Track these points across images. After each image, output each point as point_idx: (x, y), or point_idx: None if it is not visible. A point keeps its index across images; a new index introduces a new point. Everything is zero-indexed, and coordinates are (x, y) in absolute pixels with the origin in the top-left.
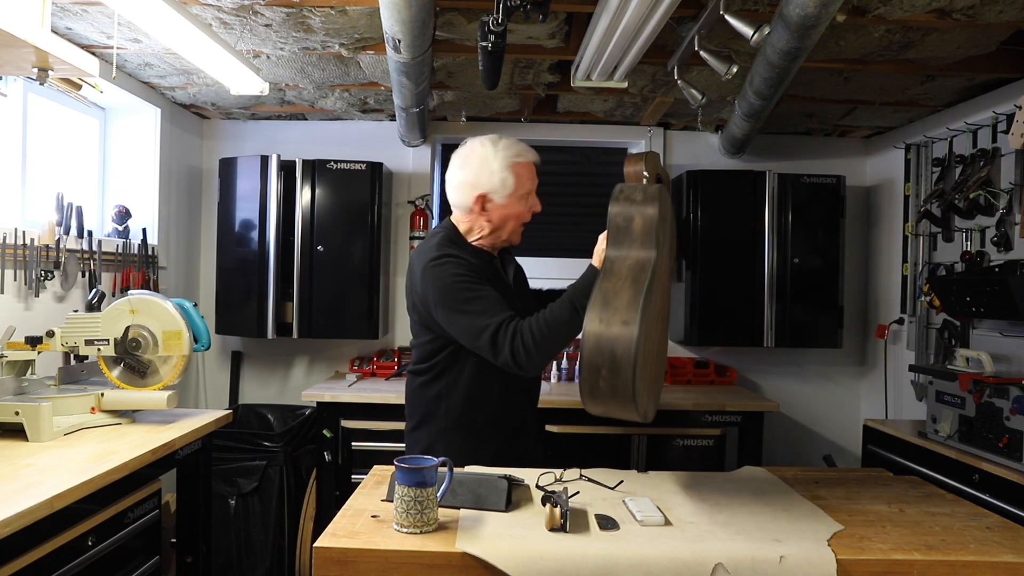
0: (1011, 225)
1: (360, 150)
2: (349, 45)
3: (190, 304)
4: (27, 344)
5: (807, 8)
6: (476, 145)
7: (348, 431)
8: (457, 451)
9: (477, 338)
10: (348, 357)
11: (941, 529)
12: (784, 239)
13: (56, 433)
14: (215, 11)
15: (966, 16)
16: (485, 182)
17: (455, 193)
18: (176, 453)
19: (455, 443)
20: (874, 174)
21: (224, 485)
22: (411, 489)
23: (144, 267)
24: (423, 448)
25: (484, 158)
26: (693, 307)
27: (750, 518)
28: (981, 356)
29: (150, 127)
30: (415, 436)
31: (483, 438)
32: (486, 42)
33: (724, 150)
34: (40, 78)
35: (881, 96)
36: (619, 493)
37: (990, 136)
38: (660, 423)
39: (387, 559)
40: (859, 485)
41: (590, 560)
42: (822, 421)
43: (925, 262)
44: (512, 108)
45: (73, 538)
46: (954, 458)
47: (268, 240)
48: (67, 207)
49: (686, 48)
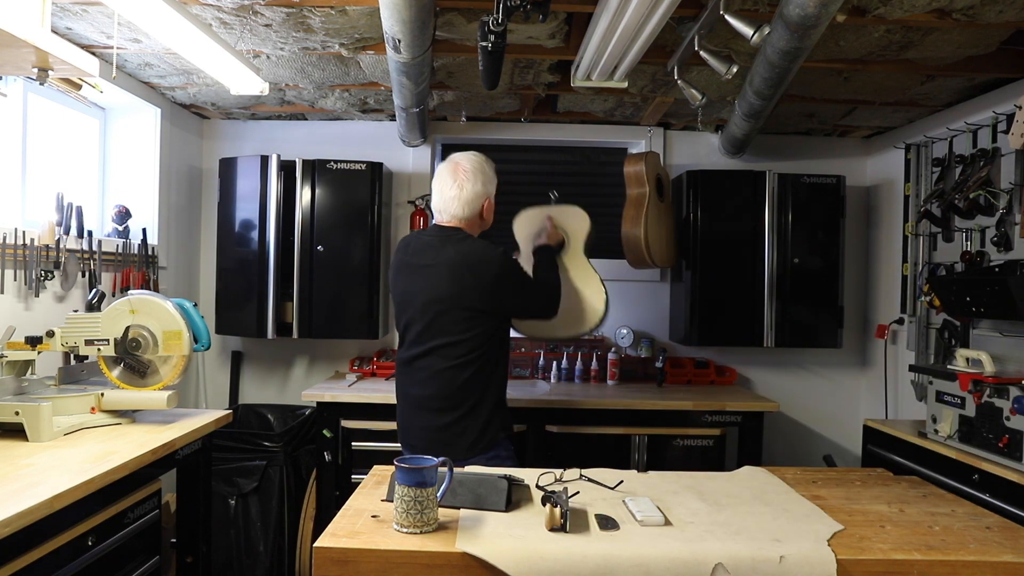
0: (1011, 225)
1: (360, 150)
2: (349, 45)
3: (190, 304)
4: (27, 344)
5: (807, 8)
6: (472, 160)
7: (348, 431)
8: (505, 422)
9: (548, 302)
10: (348, 357)
11: (941, 529)
12: (784, 239)
13: (56, 433)
14: (215, 11)
15: (966, 16)
16: (492, 189)
17: (469, 207)
18: (176, 453)
19: (502, 417)
20: (874, 174)
21: (224, 485)
22: (411, 489)
23: (144, 267)
24: (480, 427)
25: (482, 168)
26: (693, 307)
27: (750, 518)
28: (981, 356)
29: (150, 127)
30: (464, 423)
31: (507, 408)
32: (486, 42)
33: (724, 150)
34: (40, 78)
35: (881, 96)
36: (619, 493)
37: (990, 136)
38: (660, 423)
39: (387, 559)
40: (859, 485)
41: (590, 560)
42: (822, 421)
43: (925, 262)
44: (512, 108)
45: (73, 538)
46: (954, 458)
47: (268, 240)
48: (67, 207)
49: (686, 48)
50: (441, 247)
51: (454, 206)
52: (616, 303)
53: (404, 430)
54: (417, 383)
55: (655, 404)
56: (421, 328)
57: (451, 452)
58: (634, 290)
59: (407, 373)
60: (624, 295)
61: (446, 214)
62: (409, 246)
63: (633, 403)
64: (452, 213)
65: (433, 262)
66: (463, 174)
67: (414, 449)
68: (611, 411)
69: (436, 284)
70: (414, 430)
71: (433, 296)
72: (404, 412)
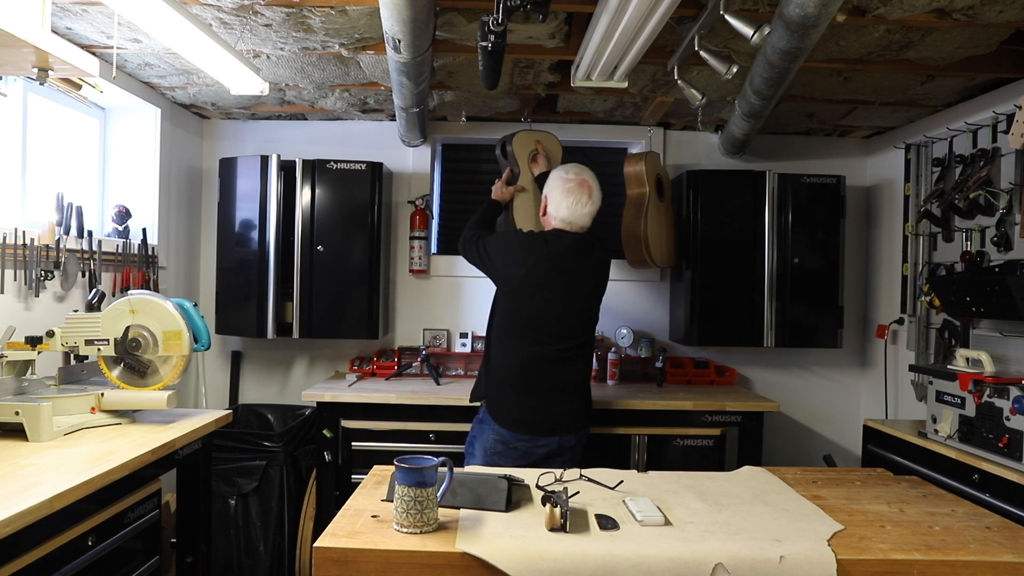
0: (1011, 225)
1: (360, 150)
2: (349, 45)
3: (190, 304)
4: (27, 344)
5: (807, 8)
6: (592, 176)
7: (348, 431)
8: None
9: None
10: (348, 357)
11: (941, 529)
12: (784, 239)
13: (56, 433)
14: (215, 11)
15: (966, 16)
16: None
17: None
18: (176, 453)
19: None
20: (874, 174)
21: (224, 485)
22: (411, 489)
23: (144, 267)
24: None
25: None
26: (693, 307)
27: (750, 518)
28: (981, 356)
29: (150, 127)
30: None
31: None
32: (486, 42)
33: (724, 150)
34: (40, 78)
35: (881, 96)
36: (619, 493)
37: (990, 136)
38: (660, 423)
39: (387, 559)
40: (859, 485)
41: (590, 560)
42: (822, 421)
43: (925, 262)
44: (512, 108)
45: (73, 538)
46: (954, 458)
47: (268, 240)
48: (67, 207)
49: (686, 48)
50: (588, 252)
51: (586, 220)
52: (616, 303)
53: (541, 417)
54: (559, 373)
55: (655, 404)
56: (560, 328)
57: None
58: (634, 290)
59: (543, 364)
60: (624, 295)
61: (576, 226)
62: (548, 243)
63: (633, 403)
64: (582, 225)
65: (581, 268)
66: (595, 191)
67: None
68: (611, 411)
69: (581, 289)
70: (557, 414)
71: (580, 300)
72: (544, 399)
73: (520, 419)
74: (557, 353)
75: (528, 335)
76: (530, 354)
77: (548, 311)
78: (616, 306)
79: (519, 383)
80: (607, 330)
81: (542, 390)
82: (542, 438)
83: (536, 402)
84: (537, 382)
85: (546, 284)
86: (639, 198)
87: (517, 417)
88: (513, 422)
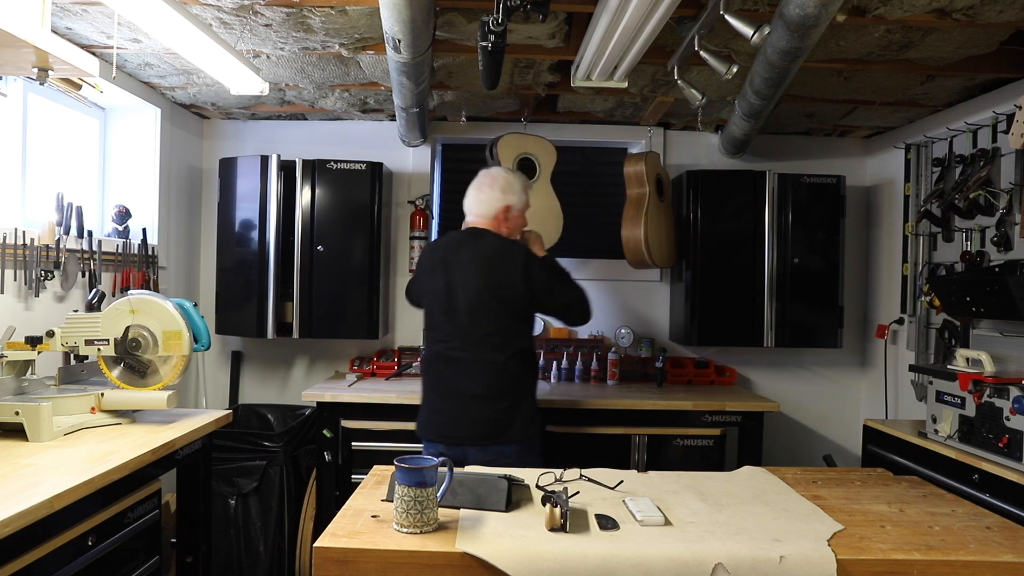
0: (1011, 225)
1: (360, 150)
2: (349, 45)
3: (190, 304)
4: (27, 344)
5: (807, 8)
6: (500, 172)
7: (348, 431)
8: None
9: (581, 301)
10: (348, 357)
11: (941, 529)
12: (784, 239)
13: (56, 433)
14: (215, 11)
15: (966, 16)
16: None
17: (487, 206)
18: (176, 453)
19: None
20: (874, 174)
21: (224, 485)
22: (411, 489)
23: (144, 267)
24: (531, 413)
25: (509, 181)
26: (693, 307)
27: (750, 518)
28: (981, 356)
29: (150, 127)
30: (520, 408)
31: None
32: (486, 42)
33: (724, 150)
34: (40, 78)
35: (881, 96)
36: (619, 493)
37: (990, 136)
38: (660, 423)
39: (387, 559)
40: (859, 485)
41: (590, 560)
42: (822, 421)
43: (925, 262)
44: (512, 108)
45: (73, 538)
46: (954, 458)
47: (268, 240)
48: (67, 207)
49: (686, 48)
50: (474, 240)
51: (485, 208)
52: (616, 303)
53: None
54: (463, 375)
55: (655, 404)
56: (450, 325)
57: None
58: (634, 290)
59: (447, 364)
60: (624, 295)
61: (482, 216)
62: (438, 240)
63: (633, 403)
64: (483, 213)
65: (462, 258)
66: (504, 180)
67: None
68: (611, 411)
69: (465, 280)
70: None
71: (471, 293)
72: (451, 404)
73: (424, 421)
74: (458, 353)
75: (428, 334)
76: (432, 353)
77: (433, 307)
78: (616, 306)
79: (426, 384)
80: (607, 330)
81: (444, 393)
82: (442, 446)
83: (441, 405)
84: (441, 382)
85: (428, 280)
86: (639, 198)
87: (423, 419)
88: (421, 425)
